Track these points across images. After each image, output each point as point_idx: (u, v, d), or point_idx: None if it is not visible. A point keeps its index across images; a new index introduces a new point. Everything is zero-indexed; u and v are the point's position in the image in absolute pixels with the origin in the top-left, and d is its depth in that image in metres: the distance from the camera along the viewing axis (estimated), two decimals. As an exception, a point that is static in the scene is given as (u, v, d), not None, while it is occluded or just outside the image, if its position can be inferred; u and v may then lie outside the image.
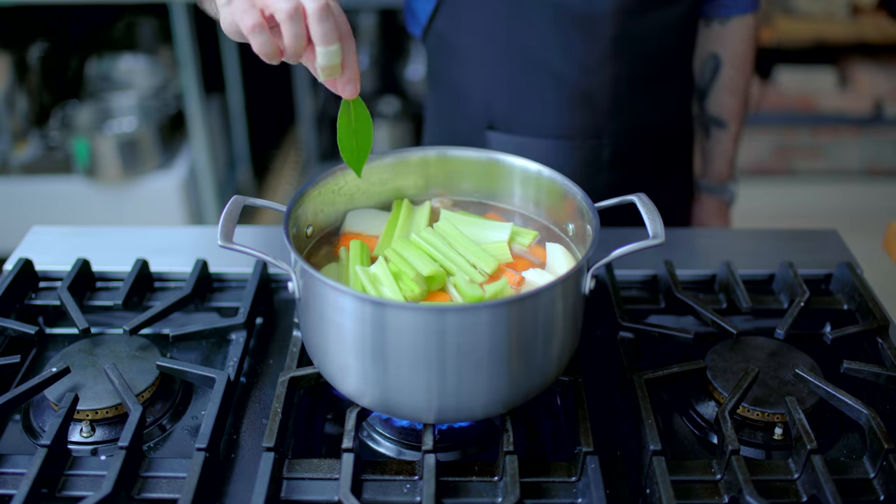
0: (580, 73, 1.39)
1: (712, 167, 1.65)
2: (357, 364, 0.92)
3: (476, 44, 1.43)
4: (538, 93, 1.42)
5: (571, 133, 1.44)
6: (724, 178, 1.66)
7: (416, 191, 1.15)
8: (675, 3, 1.39)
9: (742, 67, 1.55)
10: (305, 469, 0.94)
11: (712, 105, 1.59)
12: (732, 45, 1.53)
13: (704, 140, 1.64)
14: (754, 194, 3.73)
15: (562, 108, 1.42)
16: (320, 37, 0.90)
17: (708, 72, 1.56)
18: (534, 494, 0.92)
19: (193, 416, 1.06)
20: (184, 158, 3.17)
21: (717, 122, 1.60)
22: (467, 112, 1.50)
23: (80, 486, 0.93)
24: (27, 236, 1.38)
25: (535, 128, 1.45)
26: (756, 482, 0.92)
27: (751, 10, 1.52)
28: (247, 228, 1.40)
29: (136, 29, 3.41)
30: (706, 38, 1.54)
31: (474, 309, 0.87)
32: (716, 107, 1.59)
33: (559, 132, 1.44)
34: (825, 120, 3.69)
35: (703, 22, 1.53)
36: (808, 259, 1.31)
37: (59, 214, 3.06)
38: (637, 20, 1.36)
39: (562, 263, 1.04)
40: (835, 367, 1.10)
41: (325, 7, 0.89)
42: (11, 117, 3.11)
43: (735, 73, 1.55)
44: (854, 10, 3.53)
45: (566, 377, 1.02)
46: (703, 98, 1.60)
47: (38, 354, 1.17)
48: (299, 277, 0.95)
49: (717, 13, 1.52)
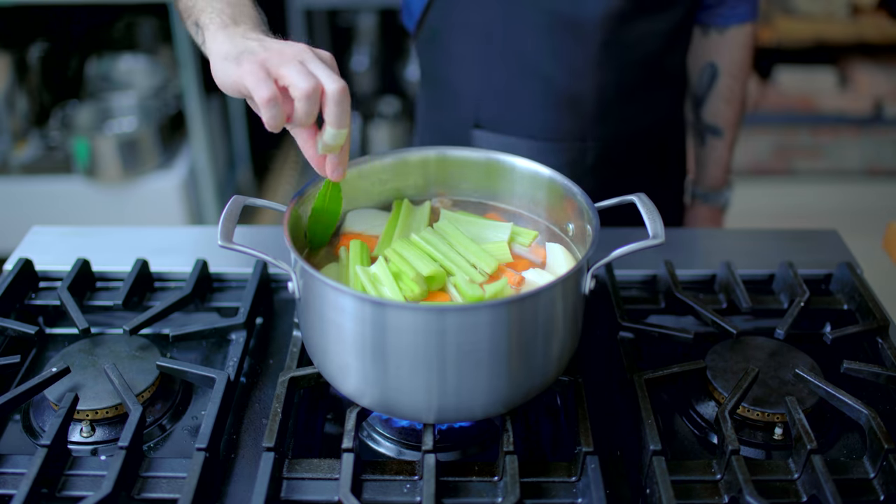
0: (568, 77, 1.39)
1: (707, 174, 1.65)
2: (357, 364, 0.92)
3: (467, 42, 1.43)
4: (526, 94, 1.42)
5: (557, 135, 1.44)
6: (718, 184, 1.66)
7: (416, 191, 1.15)
8: (665, 11, 1.39)
9: (739, 76, 1.55)
10: (305, 469, 0.94)
11: (708, 113, 1.59)
12: (730, 53, 1.53)
13: (699, 147, 1.64)
14: (754, 194, 3.74)
15: (549, 110, 1.42)
16: (335, 119, 0.90)
17: (705, 80, 1.56)
18: (534, 494, 0.92)
19: (193, 416, 1.06)
20: (184, 158, 3.17)
21: (712, 129, 1.60)
22: (455, 109, 1.50)
23: (80, 486, 0.93)
24: (27, 236, 1.38)
25: (522, 128, 1.45)
26: (756, 482, 0.92)
27: (749, 20, 1.52)
28: (247, 228, 1.40)
29: (136, 29, 3.41)
30: (703, 46, 1.54)
31: (474, 309, 0.87)
32: (712, 115, 1.59)
33: (545, 134, 1.44)
34: (825, 120, 3.69)
35: (700, 30, 1.53)
36: (808, 259, 1.31)
37: (59, 214, 3.05)
38: (626, 27, 1.36)
39: (562, 263, 1.04)
40: (835, 367, 1.10)
41: (344, 90, 0.89)
42: (11, 117, 3.11)
43: (732, 81, 1.55)
44: (854, 10, 3.53)
45: (566, 377, 1.02)
46: (700, 106, 1.59)
47: (38, 354, 1.17)
48: (299, 277, 0.95)
49: (715, 22, 1.51)
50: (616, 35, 1.36)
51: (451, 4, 1.42)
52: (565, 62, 1.38)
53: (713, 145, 1.62)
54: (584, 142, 1.45)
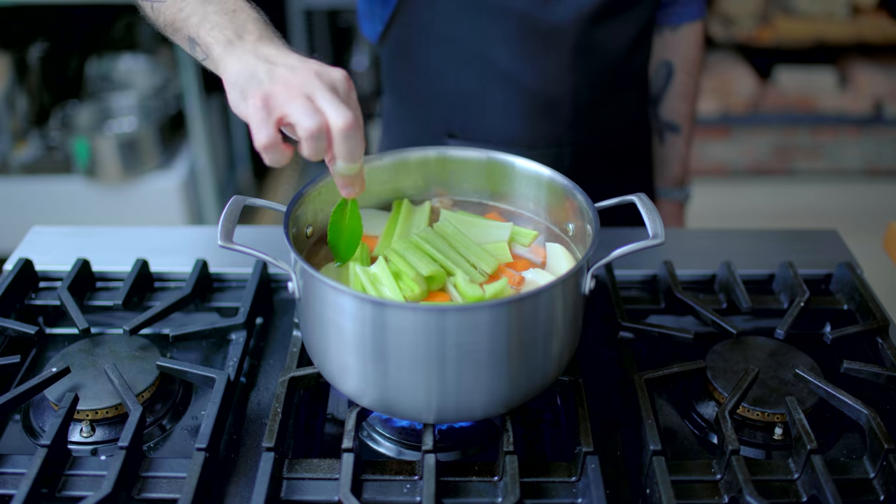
0: (542, 82, 1.39)
1: (668, 171, 1.67)
2: (357, 364, 0.92)
3: (437, 51, 1.41)
4: (499, 101, 1.41)
5: (532, 141, 1.43)
6: (680, 180, 1.68)
7: (416, 191, 1.15)
8: (633, 10, 1.39)
9: (693, 73, 1.58)
10: (305, 469, 0.94)
11: (666, 110, 1.61)
12: (684, 51, 1.55)
13: (659, 146, 1.65)
14: (754, 194, 3.74)
15: (523, 116, 1.41)
16: (344, 154, 0.87)
17: (661, 78, 1.58)
18: (534, 494, 0.92)
19: (193, 416, 1.06)
20: (184, 158, 3.17)
21: (671, 126, 1.62)
22: (426, 118, 1.48)
23: (80, 486, 0.93)
24: (27, 236, 1.38)
25: (496, 135, 1.44)
26: (756, 482, 0.92)
27: (699, 17, 1.54)
28: (247, 228, 1.40)
29: (136, 29, 3.40)
30: (657, 45, 1.56)
31: (474, 309, 0.87)
32: (669, 112, 1.61)
33: (520, 140, 1.43)
34: (825, 120, 3.69)
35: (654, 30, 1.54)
36: (808, 259, 1.31)
37: (59, 214, 3.05)
38: (598, 30, 1.36)
39: (562, 263, 1.04)
40: (835, 367, 1.10)
41: (352, 124, 0.85)
42: (11, 117, 3.11)
43: (687, 78, 1.58)
44: (854, 10, 3.53)
45: (566, 377, 1.02)
46: (656, 104, 1.61)
47: (38, 354, 1.17)
48: (299, 277, 0.95)
49: (669, 21, 1.53)
50: (588, 38, 1.36)
51: (418, 13, 1.39)
52: (538, 67, 1.37)
53: (672, 142, 1.64)
54: (560, 146, 1.45)
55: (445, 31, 1.39)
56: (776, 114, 3.68)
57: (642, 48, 1.48)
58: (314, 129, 0.84)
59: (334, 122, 0.85)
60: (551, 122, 1.43)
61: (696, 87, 1.61)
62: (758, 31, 3.56)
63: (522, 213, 1.14)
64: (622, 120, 1.52)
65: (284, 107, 0.85)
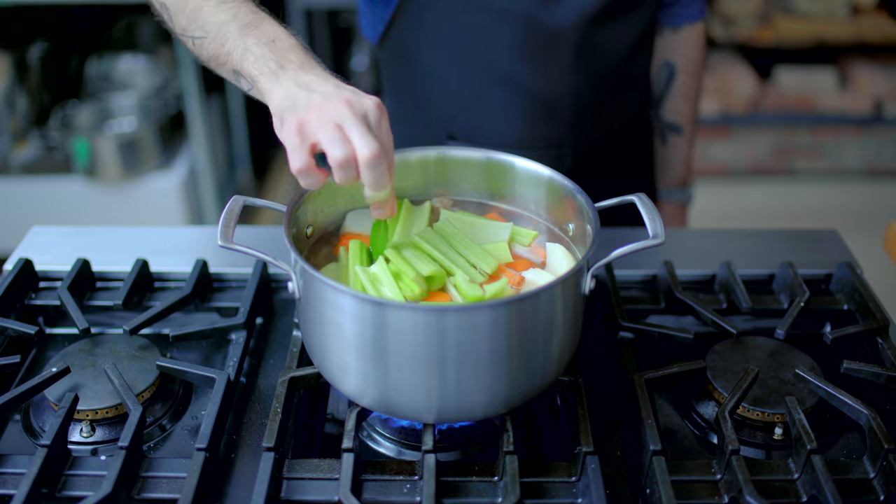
0: (543, 84, 1.39)
1: (671, 172, 1.67)
2: (357, 364, 0.92)
3: (438, 53, 1.41)
4: (500, 103, 1.41)
5: (533, 143, 1.43)
6: (683, 181, 1.68)
7: (416, 191, 1.15)
8: (634, 11, 1.39)
9: (695, 73, 1.58)
10: (305, 469, 0.94)
11: (668, 111, 1.60)
12: (685, 52, 1.55)
13: (661, 147, 1.65)
14: (754, 194, 3.74)
15: (524, 118, 1.41)
16: (371, 183, 0.90)
17: (663, 79, 1.58)
18: (534, 494, 0.92)
19: (193, 416, 1.06)
20: (184, 158, 3.17)
21: (673, 127, 1.62)
22: (427, 121, 1.48)
23: (80, 486, 0.93)
24: (27, 236, 1.38)
25: (497, 137, 1.44)
26: (756, 482, 0.92)
27: (700, 18, 1.54)
28: (247, 228, 1.40)
29: (136, 29, 3.40)
30: (659, 46, 1.55)
31: (474, 309, 0.87)
32: (672, 113, 1.60)
33: (521, 142, 1.43)
34: (825, 120, 3.69)
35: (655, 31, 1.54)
36: (808, 259, 1.31)
37: (59, 214, 3.05)
38: (599, 31, 1.36)
39: (562, 263, 1.04)
40: (835, 367, 1.10)
41: (377, 155, 0.88)
42: (11, 117, 3.11)
43: (689, 78, 1.57)
44: (854, 10, 3.53)
45: (566, 377, 1.02)
46: (658, 105, 1.61)
47: (38, 354, 1.17)
48: (299, 277, 0.95)
49: (670, 21, 1.53)
50: (589, 40, 1.36)
51: (419, 16, 1.39)
52: (539, 69, 1.37)
53: (674, 143, 1.63)
54: (561, 148, 1.44)
55: (446, 33, 1.38)
56: (776, 114, 3.68)
57: (643, 49, 1.48)
58: (342, 158, 0.88)
59: (361, 151, 0.88)
60: (552, 123, 1.42)
61: (698, 87, 1.61)
62: (758, 31, 3.56)
63: (522, 213, 1.14)
64: (623, 121, 1.51)
65: (317, 134, 0.89)
